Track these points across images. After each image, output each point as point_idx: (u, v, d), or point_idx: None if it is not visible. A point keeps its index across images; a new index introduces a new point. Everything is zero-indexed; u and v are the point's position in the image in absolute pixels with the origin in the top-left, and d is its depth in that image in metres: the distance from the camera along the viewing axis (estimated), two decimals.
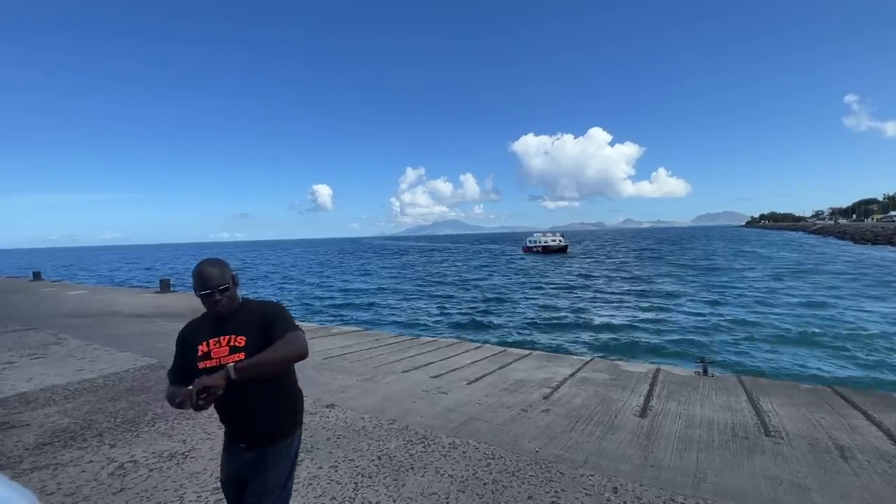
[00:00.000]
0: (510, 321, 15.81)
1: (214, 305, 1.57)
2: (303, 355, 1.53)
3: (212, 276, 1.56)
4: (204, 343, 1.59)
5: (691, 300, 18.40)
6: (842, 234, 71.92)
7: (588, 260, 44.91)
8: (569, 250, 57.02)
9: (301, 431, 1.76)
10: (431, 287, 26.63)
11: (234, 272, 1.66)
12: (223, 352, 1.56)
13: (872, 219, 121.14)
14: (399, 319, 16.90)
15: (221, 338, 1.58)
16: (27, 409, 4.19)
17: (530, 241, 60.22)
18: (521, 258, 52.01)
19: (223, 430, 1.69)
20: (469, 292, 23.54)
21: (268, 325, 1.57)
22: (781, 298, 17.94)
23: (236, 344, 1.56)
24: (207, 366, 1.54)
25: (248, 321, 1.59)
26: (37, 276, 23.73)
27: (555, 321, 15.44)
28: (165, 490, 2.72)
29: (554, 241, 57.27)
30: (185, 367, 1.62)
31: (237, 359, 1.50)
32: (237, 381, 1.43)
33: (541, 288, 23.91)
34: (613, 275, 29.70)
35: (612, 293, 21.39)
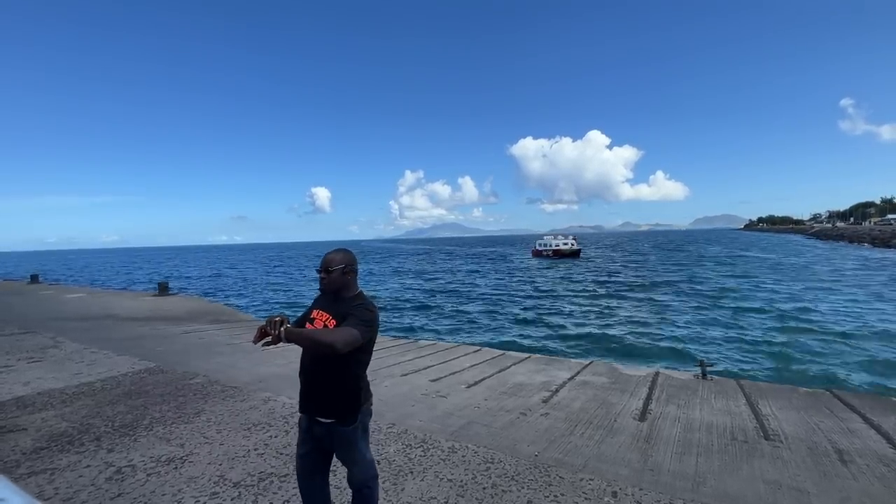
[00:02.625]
0: (512, 324, 15.81)
1: (320, 282, 1.93)
2: (330, 346, 1.67)
3: (325, 259, 1.92)
4: (316, 311, 1.94)
5: (692, 303, 18.43)
6: (839, 237, 72.19)
7: (602, 265, 42.87)
8: (581, 254, 53.11)
9: (364, 423, 1.96)
10: (437, 290, 26.59)
11: (350, 264, 1.94)
12: (319, 324, 1.88)
13: (870, 222, 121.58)
14: (400, 323, 16.88)
15: (325, 313, 1.90)
16: (24, 413, 4.16)
17: (540, 245, 55.75)
18: (531, 262, 49.20)
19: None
20: (478, 298, 23.49)
21: (346, 318, 1.81)
22: (785, 301, 17.97)
23: (328, 324, 1.86)
24: (308, 328, 1.89)
25: (345, 310, 1.85)
26: (34, 278, 23.66)
27: (556, 324, 15.44)
28: (163, 495, 2.70)
29: (566, 244, 52.69)
30: (301, 322, 1.99)
31: None
32: (283, 339, 1.68)
33: (561, 297, 22.18)
34: (621, 279, 29.72)
35: (615, 296, 21.40)
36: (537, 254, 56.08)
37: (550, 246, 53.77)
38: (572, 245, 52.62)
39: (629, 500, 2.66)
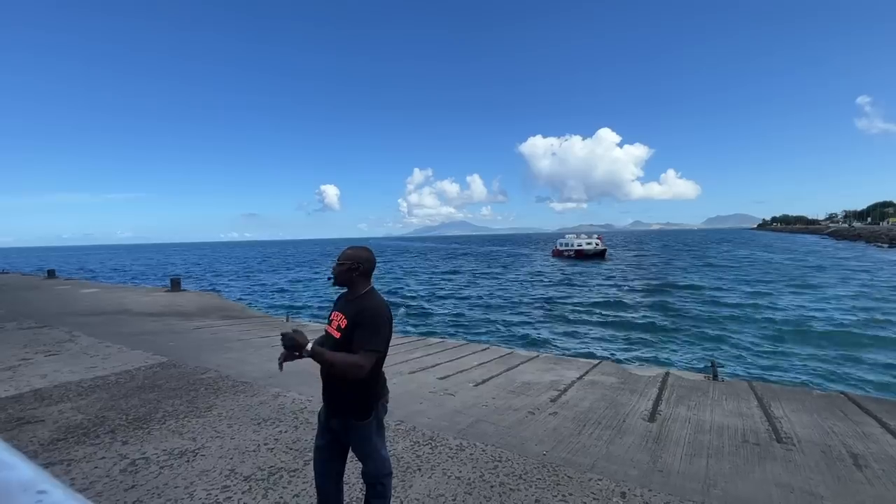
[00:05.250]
0: (517, 324, 15.76)
1: (332, 270, 1.97)
2: (359, 372, 1.77)
3: (343, 253, 1.97)
4: (334, 313, 1.98)
5: (704, 305, 18.20)
6: (856, 237, 70.69)
7: (633, 264, 40.40)
8: (607, 255, 48.46)
9: (379, 418, 1.98)
10: (453, 289, 26.58)
11: (359, 262, 1.94)
12: (334, 325, 1.92)
13: (888, 222, 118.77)
14: (408, 323, 16.93)
15: (339, 313, 1.93)
16: (42, 405, 4.27)
17: (562, 244, 51.83)
18: (553, 264, 44.88)
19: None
20: (503, 307, 23.39)
21: (356, 327, 1.83)
22: (795, 304, 17.66)
23: (340, 324, 1.89)
24: (326, 329, 1.98)
25: (356, 311, 1.87)
26: (51, 273, 24.17)
27: (562, 324, 15.36)
28: (176, 487, 2.75)
29: (590, 244, 48.57)
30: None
31: (337, 336, 1.88)
32: (307, 355, 1.75)
33: (583, 300, 20.11)
34: (636, 281, 29.38)
35: (631, 298, 21.19)
36: (558, 254, 52.55)
37: (572, 246, 49.95)
38: (597, 245, 48.45)
39: (638, 501, 2.64)
